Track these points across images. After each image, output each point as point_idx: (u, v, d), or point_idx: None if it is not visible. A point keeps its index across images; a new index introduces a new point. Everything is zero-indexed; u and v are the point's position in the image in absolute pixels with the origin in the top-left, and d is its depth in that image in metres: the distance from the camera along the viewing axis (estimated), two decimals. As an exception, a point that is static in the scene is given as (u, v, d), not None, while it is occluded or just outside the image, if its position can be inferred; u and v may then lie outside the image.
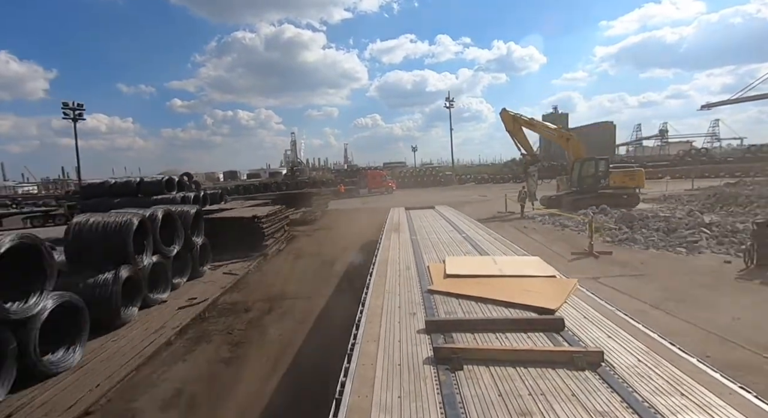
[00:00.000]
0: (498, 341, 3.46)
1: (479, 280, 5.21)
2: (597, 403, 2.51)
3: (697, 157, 49.20)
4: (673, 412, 2.38)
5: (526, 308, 4.20)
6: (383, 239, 8.70)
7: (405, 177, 54.53)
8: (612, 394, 2.60)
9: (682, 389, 2.61)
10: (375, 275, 5.68)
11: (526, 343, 3.40)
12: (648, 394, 2.57)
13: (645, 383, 2.71)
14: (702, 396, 2.53)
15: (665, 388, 2.63)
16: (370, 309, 4.32)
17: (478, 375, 2.90)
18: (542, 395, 2.61)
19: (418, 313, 4.20)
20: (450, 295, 4.74)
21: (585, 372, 2.88)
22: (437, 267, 5.91)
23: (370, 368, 3.06)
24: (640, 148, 75.57)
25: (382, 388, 2.78)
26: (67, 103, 44.71)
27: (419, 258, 6.72)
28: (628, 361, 3.01)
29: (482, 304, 4.40)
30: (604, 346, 3.23)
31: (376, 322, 3.97)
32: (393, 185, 43.87)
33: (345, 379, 2.96)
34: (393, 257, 6.87)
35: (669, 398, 2.52)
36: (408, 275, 5.69)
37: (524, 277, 5.26)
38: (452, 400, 2.61)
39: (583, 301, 4.36)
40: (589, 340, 3.38)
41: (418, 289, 5.05)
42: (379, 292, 4.94)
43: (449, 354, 3.11)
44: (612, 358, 3.05)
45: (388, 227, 10.31)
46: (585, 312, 4.04)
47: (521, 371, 2.93)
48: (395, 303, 4.52)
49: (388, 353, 3.29)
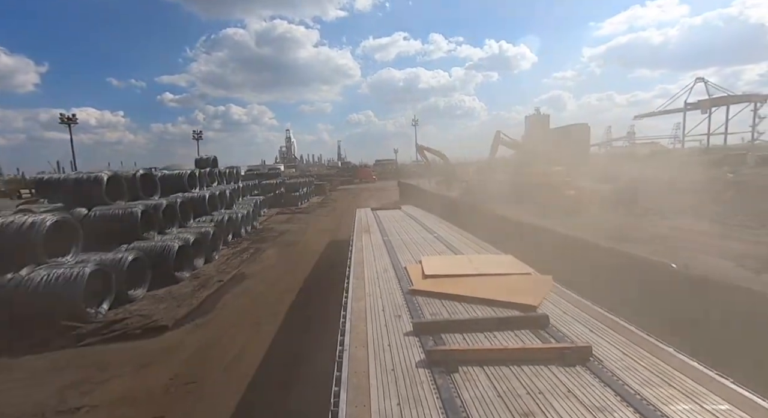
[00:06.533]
0: (488, 340, 3.46)
1: (458, 279, 5.22)
2: (593, 398, 2.55)
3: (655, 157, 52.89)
4: (664, 402, 2.47)
5: (507, 305, 4.26)
6: (355, 240, 8.55)
7: (391, 172, 68.59)
8: (605, 388, 2.67)
9: (667, 379, 2.72)
10: (353, 278, 5.54)
11: (514, 341, 3.43)
12: (638, 386, 2.66)
13: (633, 375, 2.80)
14: (686, 385, 2.65)
15: (652, 379, 2.73)
16: (354, 313, 4.19)
17: (474, 376, 2.87)
18: (540, 393, 2.62)
19: (403, 315, 4.12)
20: (432, 295, 4.71)
21: (576, 368, 2.93)
22: (415, 268, 5.88)
23: (363, 375, 2.94)
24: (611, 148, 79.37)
25: (378, 396, 2.66)
26: (64, 115, 44.59)
27: (395, 259, 6.65)
28: (614, 354, 3.11)
29: (465, 303, 4.40)
30: (589, 341, 3.32)
31: (362, 326, 3.85)
32: (375, 178, 64.57)
33: (338, 388, 2.81)
34: (368, 258, 6.76)
35: (657, 389, 2.62)
36: (387, 277, 5.60)
37: (501, 275, 5.34)
38: (452, 404, 2.55)
39: (560, 296, 4.48)
40: (574, 335, 3.47)
41: (398, 290, 4.98)
42: (360, 295, 4.81)
43: (443, 357, 3.06)
44: (598, 352, 3.13)
45: (357, 228, 10.17)
46: (564, 308, 4.16)
47: (515, 369, 2.94)
48: (378, 306, 4.41)
49: (379, 359, 3.18)
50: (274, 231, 21.41)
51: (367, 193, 41.58)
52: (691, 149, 61.38)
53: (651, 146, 61.46)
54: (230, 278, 12.43)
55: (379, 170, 72.77)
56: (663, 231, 11.83)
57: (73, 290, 8.54)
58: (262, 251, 16.42)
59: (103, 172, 12.96)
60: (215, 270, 13.42)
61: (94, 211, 11.93)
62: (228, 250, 16.48)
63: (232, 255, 15.58)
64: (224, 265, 14.10)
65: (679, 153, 53.30)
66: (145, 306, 9.91)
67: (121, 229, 11.73)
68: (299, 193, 35.28)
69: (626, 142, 72.67)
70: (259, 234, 20.43)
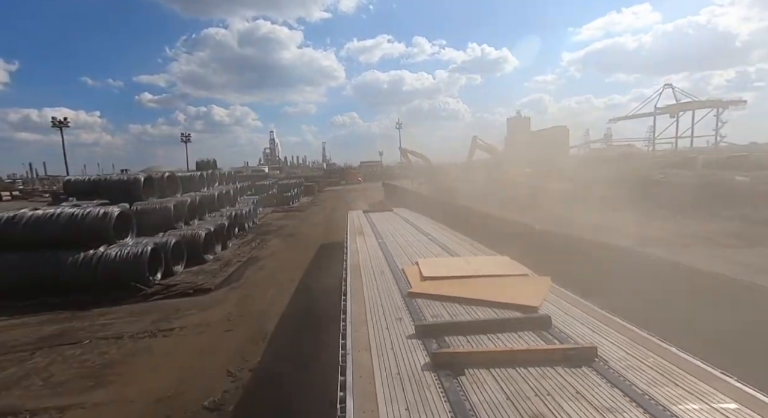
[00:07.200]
0: (491, 342, 3.43)
1: (456, 281, 5.20)
2: (602, 399, 2.54)
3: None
4: (673, 402, 2.47)
5: (508, 306, 4.24)
6: (349, 242, 8.48)
7: (376, 174, 72.37)
8: (613, 388, 2.66)
9: (673, 378, 2.73)
10: (350, 281, 5.47)
11: (518, 343, 3.41)
12: (645, 386, 2.65)
13: (639, 375, 2.80)
14: (692, 384, 2.66)
15: (658, 379, 2.74)
16: (354, 316, 4.12)
17: (481, 379, 2.83)
18: (549, 395, 2.60)
19: (404, 317, 4.07)
20: (431, 297, 4.67)
21: (582, 368, 2.92)
22: (412, 270, 5.84)
23: (368, 380, 2.88)
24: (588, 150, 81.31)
25: (386, 401, 2.61)
26: (55, 118, 47.11)
27: (391, 261, 6.60)
28: (618, 354, 3.11)
29: (466, 305, 4.37)
30: (593, 341, 3.32)
31: (363, 329, 3.79)
32: (361, 179, 67.48)
33: (344, 394, 2.74)
34: (364, 261, 6.69)
35: (665, 389, 2.62)
36: (384, 279, 5.55)
37: (499, 276, 5.34)
38: (462, 407, 2.51)
39: (560, 297, 4.49)
40: (577, 336, 3.46)
41: (397, 292, 4.93)
42: (359, 298, 4.75)
43: (449, 359, 3.02)
44: (603, 352, 3.13)
45: (351, 230, 10.09)
46: (564, 308, 4.16)
47: (521, 371, 2.91)
48: (378, 309, 4.36)
49: (383, 362, 3.13)
50: (273, 226, 24.54)
51: (354, 193, 44.46)
52: (664, 151, 64.43)
53: (626, 148, 64.38)
54: (246, 260, 15.48)
55: (364, 172, 75.93)
56: (594, 220, 14.79)
57: (140, 262, 11.63)
58: (267, 241, 19.55)
59: (140, 174, 16.65)
60: (232, 255, 16.31)
61: (136, 205, 14.65)
62: (237, 241, 19.09)
63: (242, 244, 18.63)
64: (238, 251, 17.05)
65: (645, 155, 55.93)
66: (186, 278, 12.82)
67: (159, 220, 14.55)
68: (291, 194, 38.37)
69: (603, 144, 74.80)
70: (260, 228, 23.56)
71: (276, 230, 23.09)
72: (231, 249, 17.32)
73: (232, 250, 17.24)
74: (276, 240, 19.83)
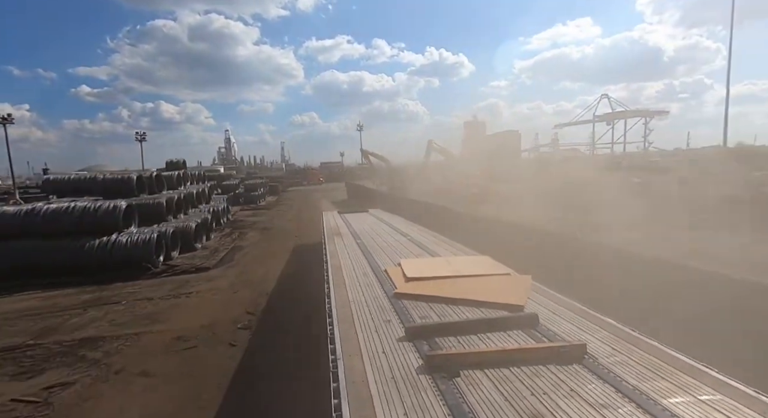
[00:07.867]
0: (482, 342, 3.42)
1: (441, 281, 5.19)
2: (596, 395, 2.57)
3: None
4: (662, 396, 2.53)
5: (495, 306, 4.27)
6: (327, 244, 8.32)
7: (338, 174, 71.81)
8: (605, 385, 2.70)
9: (660, 373, 2.81)
10: (333, 283, 5.34)
11: (509, 342, 3.42)
12: (635, 381, 2.72)
13: (628, 370, 2.86)
14: (678, 377, 2.74)
15: (646, 374, 2.81)
16: (341, 320, 4.01)
17: (477, 380, 2.81)
18: (545, 394, 2.61)
19: (393, 319, 4.00)
20: (417, 298, 4.63)
21: (573, 366, 2.96)
22: (395, 270, 5.78)
23: (362, 385, 2.79)
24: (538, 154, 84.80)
25: (383, 406, 2.52)
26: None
27: (372, 262, 6.52)
28: (606, 351, 3.18)
29: (452, 305, 4.36)
30: (580, 338, 3.38)
31: (352, 333, 3.68)
32: (322, 179, 69.07)
33: (338, 401, 2.64)
34: (345, 263, 6.57)
35: (653, 383, 2.69)
36: (367, 281, 5.46)
37: (482, 276, 5.38)
38: (460, 410, 2.47)
39: (541, 295, 4.57)
40: (564, 333, 3.52)
41: (382, 294, 4.85)
42: (344, 300, 4.64)
43: (444, 361, 2.98)
44: (591, 349, 3.19)
45: (328, 232, 9.93)
46: (548, 306, 4.23)
47: (515, 370, 2.92)
48: (365, 311, 4.26)
49: (376, 366, 3.04)
50: (246, 221, 26.42)
51: (318, 193, 47.31)
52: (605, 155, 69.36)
53: (571, 152, 68.56)
54: (232, 248, 17.76)
55: (325, 173, 76.84)
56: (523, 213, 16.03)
57: (148, 246, 13.80)
58: (246, 234, 21.64)
59: (133, 173, 18.75)
60: (217, 244, 18.52)
61: (132, 200, 15.80)
62: (218, 234, 20.90)
63: (223, 236, 20.61)
64: (221, 241, 19.18)
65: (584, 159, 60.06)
66: (184, 261, 14.99)
67: (152, 213, 16.26)
68: (257, 193, 39.58)
69: (551, 148, 78.58)
70: (235, 224, 25.26)
71: (251, 224, 25.05)
72: (214, 240, 19.40)
73: (216, 241, 19.28)
74: (253, 232, 22.06)
